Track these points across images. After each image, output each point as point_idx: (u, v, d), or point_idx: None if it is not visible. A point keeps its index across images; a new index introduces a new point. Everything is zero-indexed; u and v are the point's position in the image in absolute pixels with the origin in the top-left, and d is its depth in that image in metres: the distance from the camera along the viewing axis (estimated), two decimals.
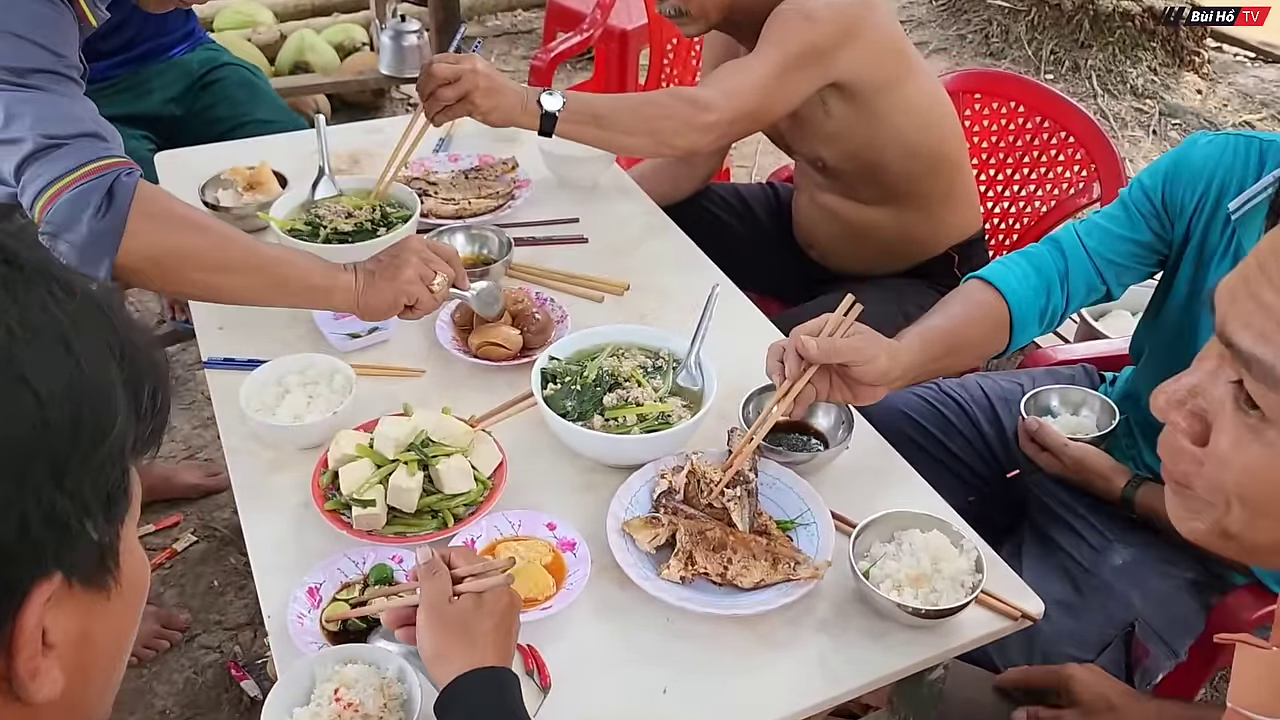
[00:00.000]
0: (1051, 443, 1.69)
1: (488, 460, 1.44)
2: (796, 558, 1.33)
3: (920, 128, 2.12)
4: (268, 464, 1.51)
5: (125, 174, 1.42)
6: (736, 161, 4.39)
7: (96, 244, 1.39)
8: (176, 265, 1.47)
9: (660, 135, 1.91)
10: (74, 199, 1.38)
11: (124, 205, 1.40)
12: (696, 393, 1.54)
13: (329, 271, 1.56)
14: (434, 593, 1.10)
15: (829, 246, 2.33)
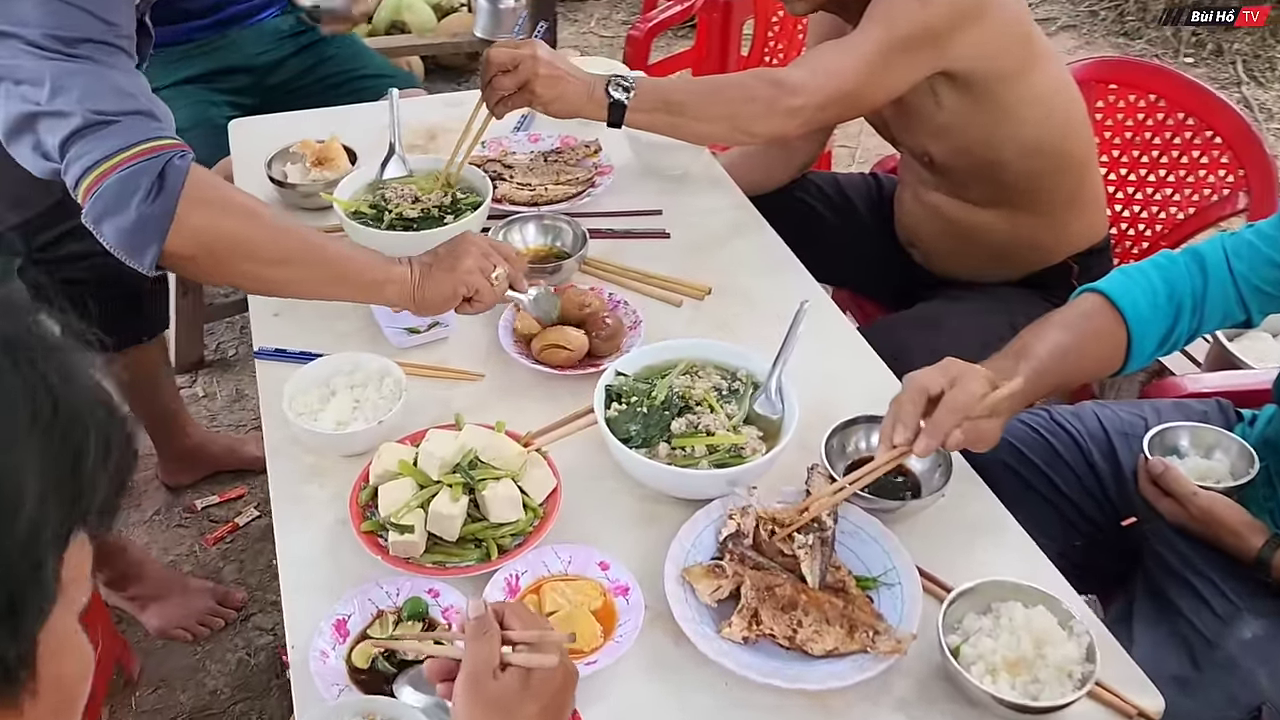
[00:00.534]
0: (1177, 489, 1.49)
1: (540, 485, 1.32)
2: (876, 625, 1.17)
3: (1044, 122, 1.89)
4: (308, 470, 1.41)
5: (179, 157, 1.33)
6: (839, 141, 4.17)
7: (144, 229, 1.30)
8: (228, 255, 1.38)
9: (739, 121, 1.73)
10: (123, 180, 1.29)
11: (175, 190, 1.30)
12: (775, 422, 1.39)
13: (384, 265, 1.45)
14: (479, 660, 0.96)
15: (932, 248, 2.13)
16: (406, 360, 1.57)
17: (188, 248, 1.33)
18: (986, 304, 2.02)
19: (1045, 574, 1.30)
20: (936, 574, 1.29)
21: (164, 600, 2.22)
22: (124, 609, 2.26)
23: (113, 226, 1.30)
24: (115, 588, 2.23)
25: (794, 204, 2.26)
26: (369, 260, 1.45)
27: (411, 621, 1.20)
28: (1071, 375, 1.53)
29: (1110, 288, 1.50)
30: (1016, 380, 1.31)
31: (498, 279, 1.45)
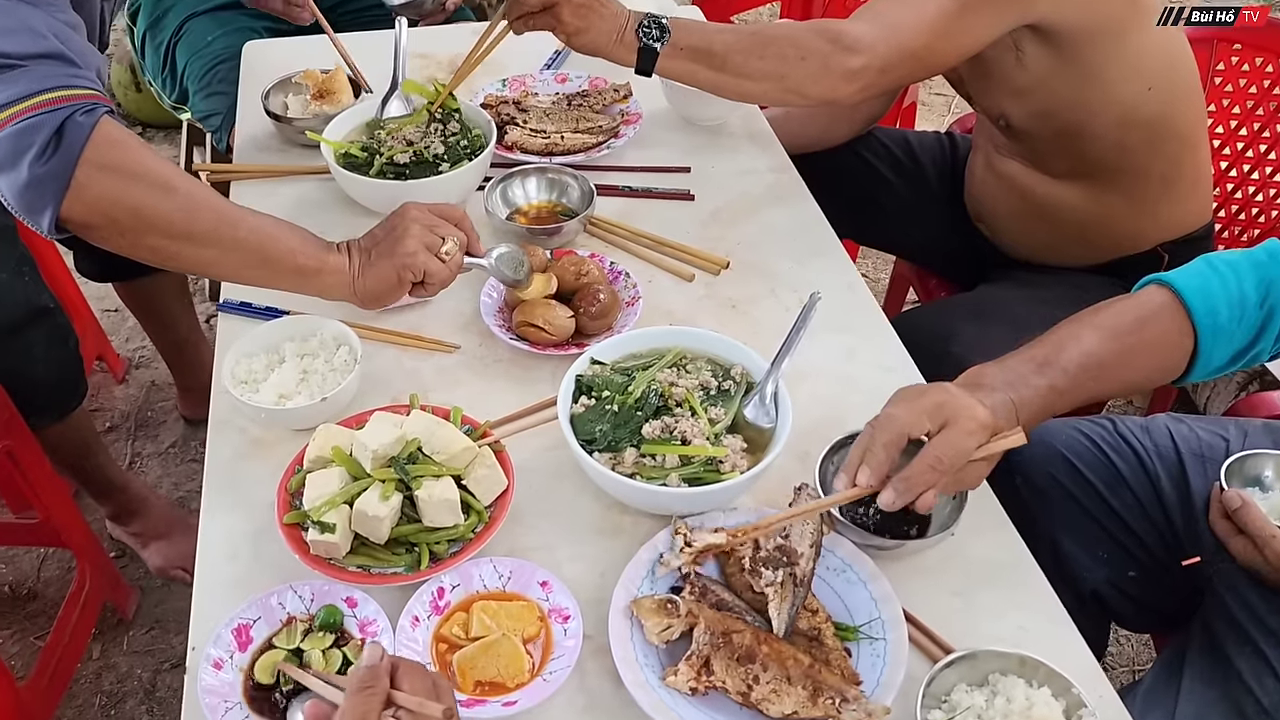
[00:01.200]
0: (1254, 528, 1.25)
1: (489, 486, 1.16)
2: (844, 691, 1.00)
3: (1144, 89, 1.62)
4: (250, 445, 1.29)
5: (83, 111, 1.18)
6: (934, 88, 3.85)
7: (37, 190, 1.17)
8: (133, 227, 1.23)
9: (789, 81, 1.51)
10: (18, 134, 1.15)
11: (74, 150, 1.16)
12: (765, 433, 1.20)
13: (320, 252, 1.29)
14: (353, 716, 0.83)
15: (1002, 224, 1.88)
16: (378, 324, 1.43)
17: (87, 215, 1.20)
18: (1058, 293, 1.78)
19: (1065, 640, 1.10)
20: (934, 628, 1.10)
21: (167, 539, 2.16)
22: (127, 544, 2.21)
23: (6, 182, 1.18)
24: (119, 522, 2.18)
25: (856, 163, 2.04)
26: (301, 246, 1.29)
27: (323, 633, 1.07)
28: (1106, 392, 1.32)
29: (1184, 283, 1.25)
30: (1018, 435, 1.10)
31: (449, 253, 1.28)
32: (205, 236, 1.24)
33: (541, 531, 1.19)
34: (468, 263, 1.32)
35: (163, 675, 2.02)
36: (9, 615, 2.12)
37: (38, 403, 1.78)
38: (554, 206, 1.63)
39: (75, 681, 2.00)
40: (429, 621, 1.08)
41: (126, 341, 2.75)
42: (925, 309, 1.91)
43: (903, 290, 2.39)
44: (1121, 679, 2.06)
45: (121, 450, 2.46)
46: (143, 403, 2.59)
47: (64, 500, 1.93)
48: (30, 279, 1.74)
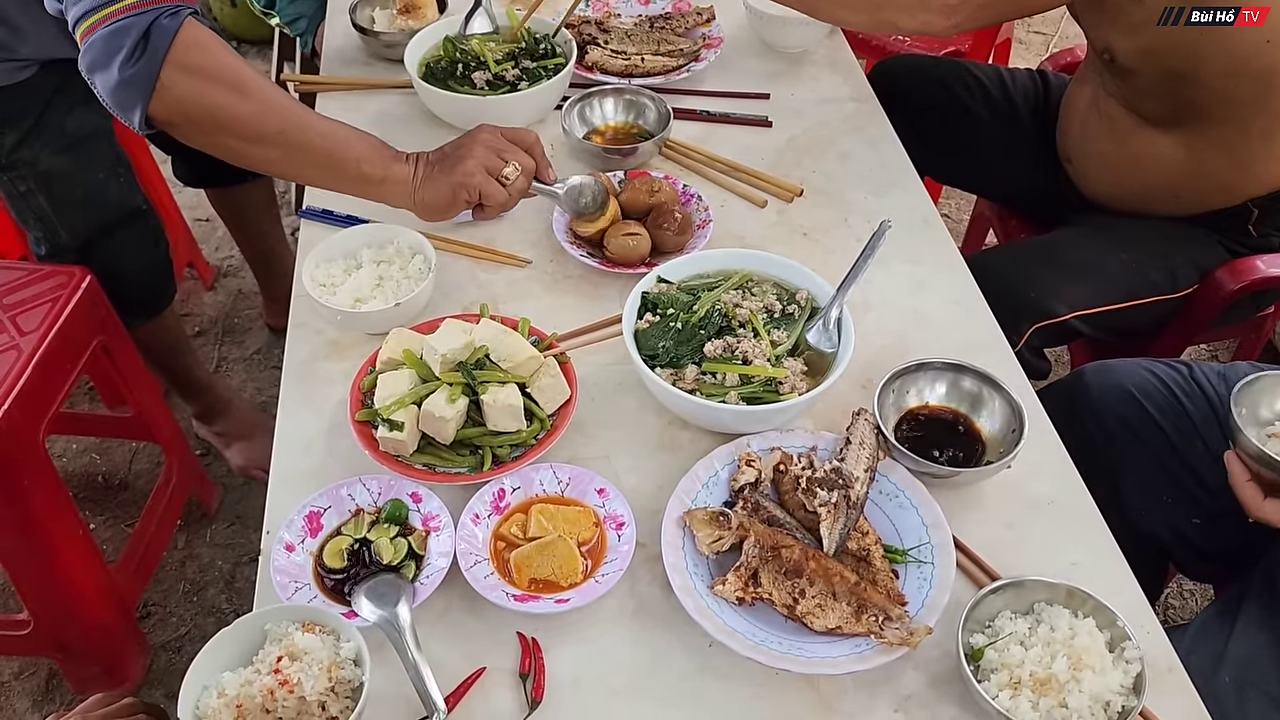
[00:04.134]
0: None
1: (553, 395, 1.20)
2: (888, 609, 1.02)
3: (1263, 41, 1.52)
4: (327, 346, 1.34)
5: (168, 14, 1.22)
6: (1031, 26, 3.72)
7: (127, 90, 1.22)
8: (210, 127, 1.28)
9: (884, 11, 1.50)
10: (108, 37, 1.20)
11: (159, 53, 1.21)
12: (827, 357, 1.21)
13: (385, 161, 1.32)
14: None
15: (1092, 165, 1.83)
16: (454, 236, 1.46)
17: (170, 114, 1.25)
18: (1146, 237, 1.74)
19: (1117, 577, 1.10)
20: (985, 558, 1.11)
21: (248, 440, 2.25)
22: (211, 443, 2.31)
23: (101, 81, 1.23)
24: (204, 421, 2.28)
25: (945, 97, 2.00)
26: (367, 154, 1.32)
27: (388, 525, 1.12)
28: None
29: None
30: None
31: (508, 177, 1.31)
32: (274, 138, 1.28)
33: (602, 442, 1.22)
34: (536, 188, 1.35)
35: (241, 568, 2.13)
36: (102, 502, 2.24)
37: (130, 301, 1.86)
38: (630, 128, 1.63)
39: (161, 568, 2.11)
40: (489, 520, 1.12)
41: (216, 250, 2.85)
42: (1002, 250, 1.88)
43: (983, 230, 2.35)
44: None
45: (209, 354, 2.56)
46: (230, 310, 2.69)
47: (154, 397, 2.03)
48: (125, 180, 1.81)
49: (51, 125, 1.66)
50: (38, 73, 1.62)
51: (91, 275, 1.73)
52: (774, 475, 1.14)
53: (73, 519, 1.73)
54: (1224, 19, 1.46)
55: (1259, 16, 1.46)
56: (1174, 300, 1.74)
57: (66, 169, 1.70)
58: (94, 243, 1.78)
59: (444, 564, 1.07)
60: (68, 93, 1.66)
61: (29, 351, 1.61)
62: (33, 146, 1.66)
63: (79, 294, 1.71)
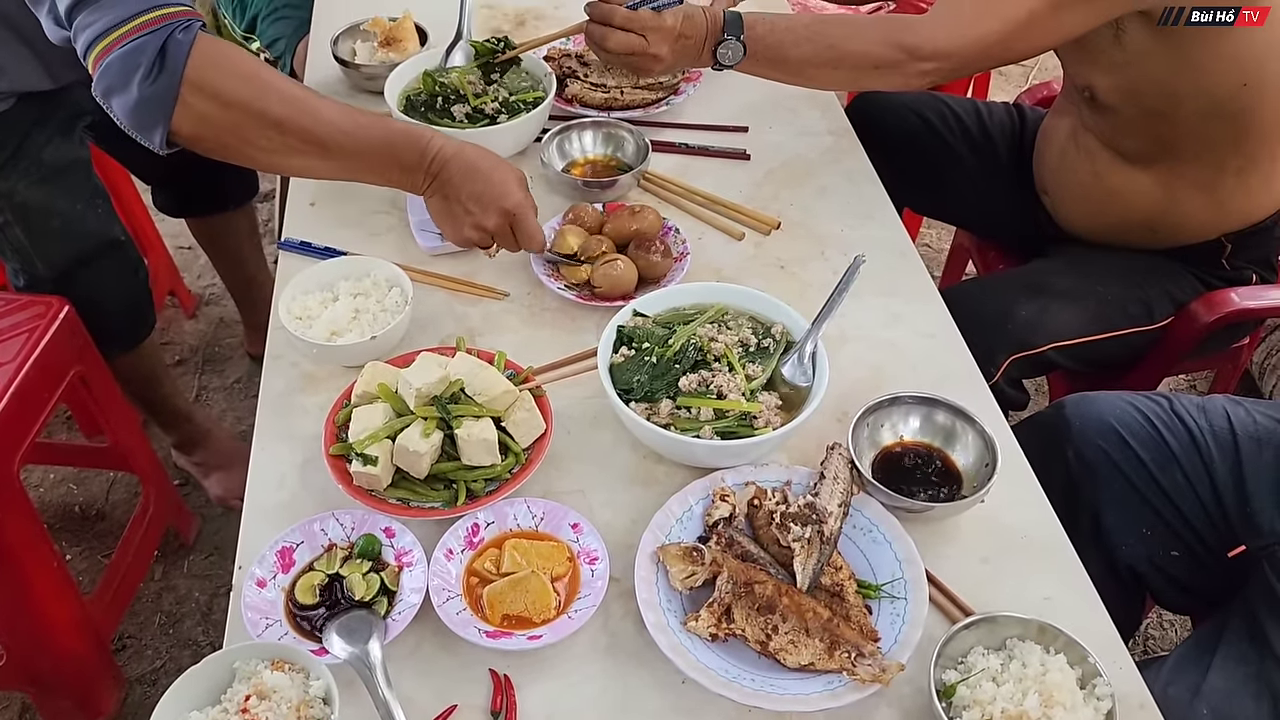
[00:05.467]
0: None
1: (528, 429, 1.20)
2: (861, 646, 1.01)
3: (1239, 84, 1.55)
4: (302, 379, 1.34)
5: (182, 28, 1.22)
6: None
7: (148, 109, 1.22)
8: (234, 141, 1.28)
9: (862, 82, 1.55)
10: (125, 57, 1.19)
11: (177, 68, 1.20)
12: (801, 391, 1.21)
13: (403, 170, 1.33)
14: None
15: (1068, 198, 1.84)
16: (432, 269, 1.46)
17: (194, 129, 1.24)
18: (1114, 272, 1.75)
19: (1089, 612, 1.10)
20: (959, 593, 1.11)
21: (227, 470, 2.24)
22: (190, 473, 2.30)
23: (120, 104, 1.22)
24: (183, 451, 2.27)
25: (922, 130, 2.01)
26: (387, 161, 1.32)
27: (361, 560, 1.11)
28: None
29: None
30: None
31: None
32: (294, 147, 1.28)
33: (576, 476, 1.22)
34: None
35: (219, 599, 2.11)
36: (79, 533, 2.22)
37: (108, 332, 1.85)
38: (609, 160, 1.64)
39: (137, 599, 2.09)
40: (462, 555, 1.11)
41: (198, 278, 2.84)
42: (979, 282, 1.89)
43: (962, 261, 2.37)
44: None
45: (189, 383, 2.55)
46: (211, 338, 2.68)
47: (132, 427, 2.02)
48: (103, 211, 1.81)
49: (28, 157, 1.66)
50: (15, 105, 1.62)
51: (69, 305, 1.73)
52: (748, 510, 1.14)
53: (47, 551, 1.72)
54: (1224, 19, 1.47)
55: (1259, 16, 1.47)
56: (1151, 332, 1.75)
57: (43, 201, 1.70)
58: (72, 273, 1.77)
59: (416, 600, 1.06)
60: (45, 125, 1.66)
61: (4, 383, 1.60)
62: (9, 178, 1.66)
63: (56, 324, 1.70)
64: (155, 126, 1.23)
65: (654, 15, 1.49)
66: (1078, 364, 1.76)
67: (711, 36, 1.51)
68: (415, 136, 1.33)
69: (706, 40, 1.52)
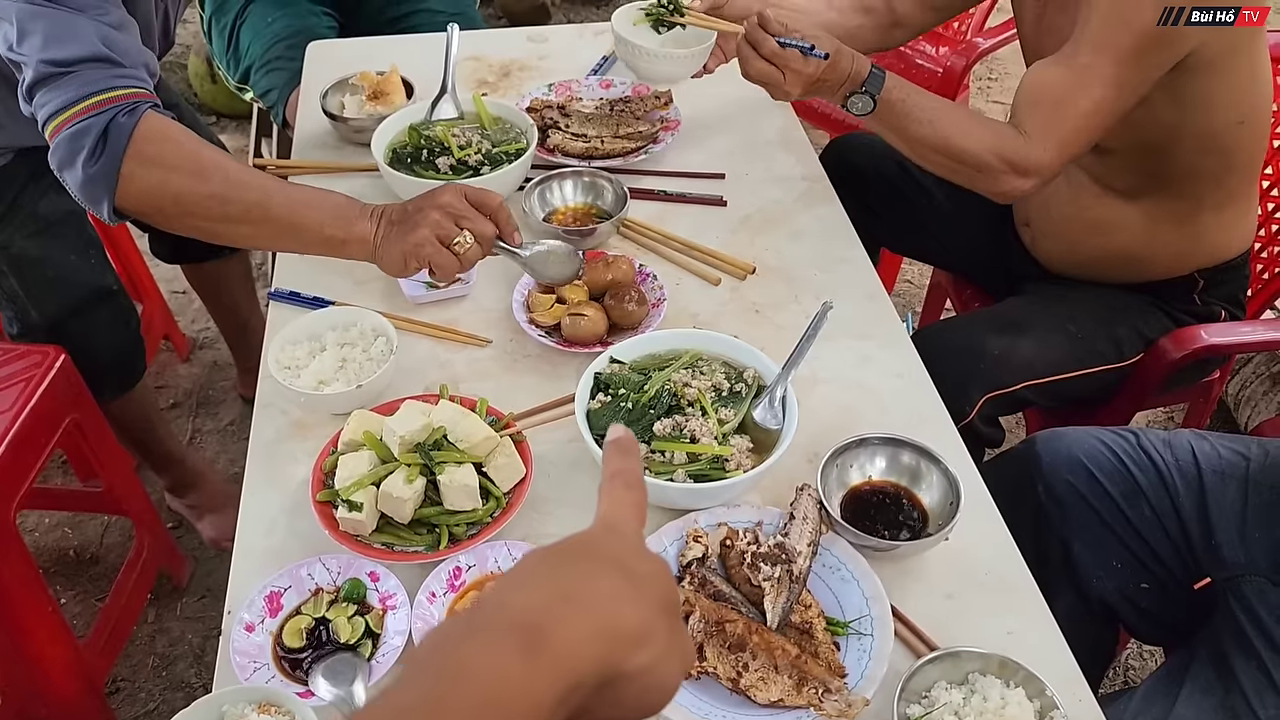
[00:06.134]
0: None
1: (508, 474, 1.24)
2: (828, 682, 1.05)
3: (1237, 121, 1.61)
4: (291, 426, 1.38)
5: (125, 111, 1.30)
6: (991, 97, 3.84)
7: (92, 186, 1.30)
8: (177, 213, 1.35)
9: (959, 179, 1.61)
10: (70, 139, 1.28)
11: (118, 150, 1.29)
12: (772, 434, 1.26)
13: (347, 222, 1.36)
14: None
15: (1048, 230, 1.87)
16: (417, 317, 1.51)
17: (137, 204, 1.32)
18: (1089, 310, 1.80)
19: (1050, 645, 1.14)
20: (925, 628, 1.15)
21: (220, 512, 2.27)
22: (183, 515, 2.33)
23: (69, 178, 1.31)
24: (177, 494, 2.31)
25: (895, 171, 2.06)
26: (330, 218, 1.36)
27: (347, 603, 1.15)
28: None
29: None
30: None
31: (460, 246, 1.32)
32: (239, 216, 1.34)
33: (557, 519, 1.26)
34: (501, 249, 1.37)
35: (211, 641, 2.14)
36: (73, 577, 2.25)
37: (100, 378, 1.90)
38: (589, 209, 1.69)
39: (131, 642, 2.12)
40: (445, 598, 1.15)
41: (192, 322, 2.89)
42: (953, 321, 1.94)
43: (940, 299, 2.42)
44: None
45: (183, 426, 2.59)
46: (205, 381, 2.72)
47: (126, 471, 2.05)
48: (96, 262, 1.86)
49: (25, 210, 1.71)
50: (12, 160, 1.68)
51: (65, 354, 1.77)
52: (721, 550, 1.18)
53: (42, 595, 1.75)
54: (1224, 19, 1.52)
55: (1259, 16, 1.51)
56: (1121, 369, 1.80)
57: (38, 252, 1.75)
58: (65, 322, 1.82)
59: (400, 642, 1.10)
60: (41, 179, 1.72)
61: (1, 430, 1.64)
62: (5, 230, 1.71)
63: (53, 373, 1.74)
64: (101, 201, 1.31)
65: (799, 58, 1.51)
66: (1051, 401, 1.80)
67: (850, 84, 1.55)
68: (354, 199, 1.39)
69: (844, 86, 1.55)
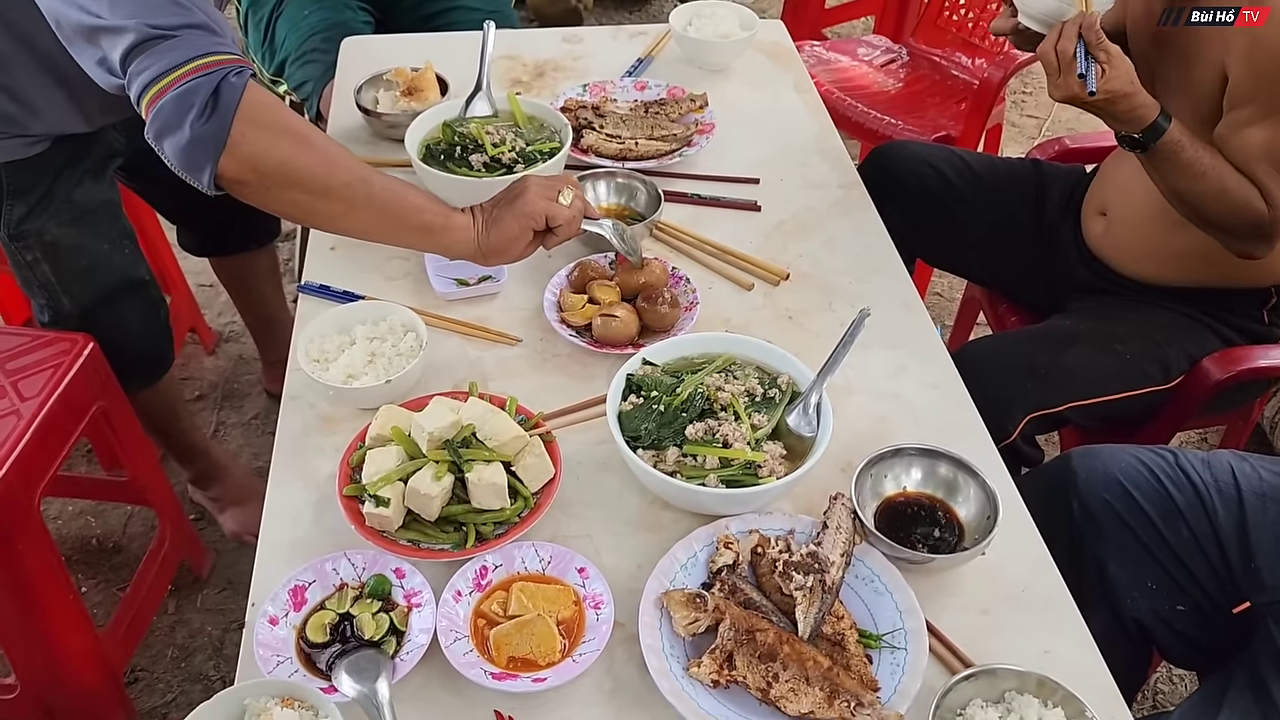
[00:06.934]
0: None
1: (537, 474, 1.22)
2: (860, 695, 1.03)
3: None
4: (319, 420, 1.37)
5: (234, 73, 1.26)
6: (1025, 110, 3.81)
7: (199, 148, 1.24)
8: (278, 181, 1.30)
9: (1208, 230, 1.62)
10: (179, 98, 1.23)
11: (229, 109, 1.24)
12: (805, 441, 1.24)
13: (444, 210, 1.37)
14: None
15: (1130, 217, 1.81)
16: (447, 314, 1.50)
17: (240, 170, 1.27)
18: (1139, 329, 1.75)
19: (1089, 666, 1.11)
20: (960, 644, 1.12)
21: (242, 505, 2.27)
22: (206, 508, 2.33)
23: (171, 144, 1.25)
24: (200, 486, 2.30)
25: (937, 181, 2.03)
26: (428, 204, 1.36)
27: (371, 599, 1.13)
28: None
29: None
30: None
31: (565, 199, 1.37)
32: (340, 191, 1.31)
33: (584, 521, 1.24)
34: (588, 227, 1.41)
35: (230, 634, 2.13)
36: (95, 565, 2.25)
37: (128, 368, 1.89)
38: (622, 210, 1.68)
39: (150, 633, 2.11)
40: (470, 597, 1.13)
41: (219, 315, 2.89)
42: (998, 339, 1.89)
43: (973, 313, 2.39)
44: None
45: (207, 419, 2.59)
46: (230, 374, 2.72)
47: (150, 462, 2.05)
48: (130, 252, 1.86)
49: (60, 198, 1.71)
50: (50, 148, 1.67)
51: (94, 342, 1.77)
52: (752, 558, 1.16)
53: (64, 583, 1.75)
54: (1224, 19, 1.50)
55: (1259, 16, 1.50)
56: (1166, 390, 1.76)
57: (72, 240, 1.74)
58: (96, 311, 1.82)
59: (424, 640, 1.08)
60: (77, 166, 1.71)
61: (29, 417, 1.64)
62: (40, 218, 1.70)
63: (81, 360, 1.74)
64: (204, 165, 1.26)
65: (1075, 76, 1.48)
66: (1093, 421, 1.77)
67: (1125, 127, 1.54)
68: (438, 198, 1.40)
69: (1115, 123, 1.55)
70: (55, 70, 1.56)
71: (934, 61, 2.97)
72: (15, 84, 1.57)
